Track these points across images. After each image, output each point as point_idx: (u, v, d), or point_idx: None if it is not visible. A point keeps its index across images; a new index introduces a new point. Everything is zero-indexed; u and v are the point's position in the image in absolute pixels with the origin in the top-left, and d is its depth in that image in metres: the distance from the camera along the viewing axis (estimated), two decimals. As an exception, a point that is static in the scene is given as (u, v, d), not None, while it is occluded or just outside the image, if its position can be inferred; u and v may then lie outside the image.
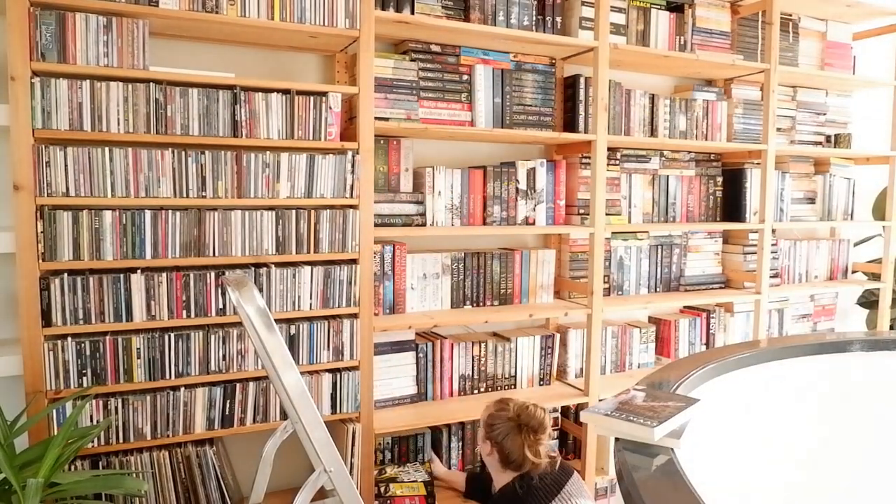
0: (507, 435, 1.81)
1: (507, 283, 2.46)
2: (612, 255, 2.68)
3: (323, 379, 2.05)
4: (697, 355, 1.82)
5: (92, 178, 1.75)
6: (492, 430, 1.84)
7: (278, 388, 1.59)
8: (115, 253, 1.80)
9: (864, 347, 1.95)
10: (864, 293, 3.41)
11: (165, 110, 1.82)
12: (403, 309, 2.29)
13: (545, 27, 2.35)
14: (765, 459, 1.51)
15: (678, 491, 1.02)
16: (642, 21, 2.58)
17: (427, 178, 2.25)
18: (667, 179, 2.79)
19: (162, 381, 1.86)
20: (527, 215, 2.43)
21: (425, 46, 2.26)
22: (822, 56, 3.04)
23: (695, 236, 2.90)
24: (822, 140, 3.15)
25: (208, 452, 1.94)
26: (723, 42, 2.73)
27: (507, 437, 1.81)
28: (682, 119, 2.75)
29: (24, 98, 1.67)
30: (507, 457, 1.81)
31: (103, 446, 1.81)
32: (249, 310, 1.50)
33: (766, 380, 1.82)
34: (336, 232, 2.03)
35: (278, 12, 1.92)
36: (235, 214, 1.91)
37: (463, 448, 2.40)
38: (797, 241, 3.13)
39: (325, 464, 1.59)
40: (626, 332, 2.76)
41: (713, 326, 2.91)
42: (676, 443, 1.22)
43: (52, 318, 1.74)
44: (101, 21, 1.74)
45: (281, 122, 1.95)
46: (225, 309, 1.92)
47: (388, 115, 2.17)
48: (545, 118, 2.44)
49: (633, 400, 1.40)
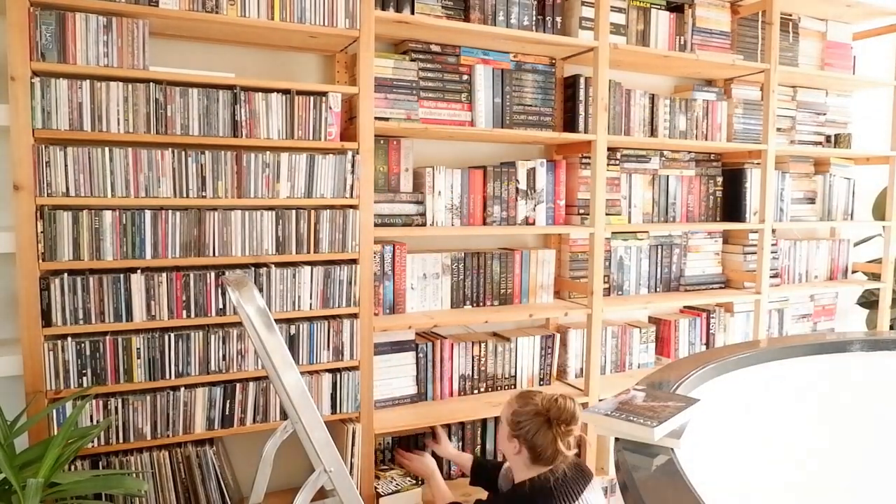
0: (537, 431, 1.68)
1: (507, 283, 2.46)
2: (612, 255, 2.68)
3: (323, 379, 2.05)
4: (697, 355, 1.82)
5: (92, 178, 1.75)
6: (519, 427, 1.71)
7: (278, 388, 1.59)
8: (115, 253, 1.80)
9: (864, 347, 1.95)
10: (864, 293, 3.41)
11: (165, 110, 1.82)
12: (403, 309, 2.29)
13: (545, 27, 2.35)
14: (765, 459, 1.51)
15: (678, 491, 1.02)
16: (642, 21, 2.58)
17: (427, 178, 2.25)
18: (667, 179, 2.79)
19: (162, 381, 1.86)
20: (527, 215, 2.43)
21: (425, 46, 2.26)
22: (822, 56, 3.04)
23: (695, 236, 2.90)
24: (822, 140, 3.15)
25: (208, 452, 1.94)
26: (723, 42, 2.73)
27: (537, 433, 1.68)
28: (682, 119, 2.75)
29: (24, 98, 1.67)
30: (539, 454, 1.69)
31: (103, 446, 1.81)
32: (249, 310, 1.50)
33: (766, 380, 1.82)
34: (336, 232, 2.03)
35: (278, 12, 1.92)
36: (235, 214, 1.91)
37: (463, 448, 2.40)
38: (797, 241, 3.13)
39: (325, 464, 1.59)
40: (626, 332, 2.76)
41: (713, 326, 2.91)
42: (676, 443, 1.22)
43: (52, 318, 1.74)
44: (101, 21, 1.74)
45: (281, 122, 1.95)
46: (225, 309, 1.92)
47: (388, 115, 2.17)
48: (545, 118, 2.44)
49: (633, 400, 1.40)
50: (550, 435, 1.66)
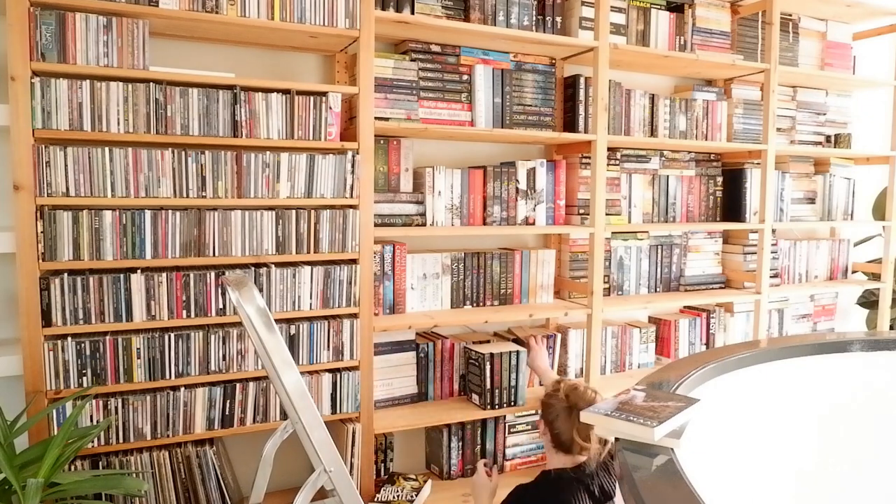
0: (558, 416, 1.77)
1: (507, 283, 2.46)
2: (612, 255, 2.68)
3: (323, 379, 2.05)
4: (697, 355, 1.82)
5: (92, 178, 1.76)
6: (546, 409, 1.81)
7: (278, 388, 1.59)
8: (115, 253, 1.80)
9: (864, 347, 1.95)
10: (864, 293, 3.41)
11: (165, 110, 1.82)
12: (403, 309, 2.29)
13: (545, 27, 2.35)
14: (764, 459, 1.51)
15: (678, 491, 1.02)
16: (642, 21, 2.58)
17: (427, 178, 2.25)
18: (667, 179, 2.79)
19: (162, 381, 1.86)
20: (527, 215, 2.43)
21: (425, 46, 2.26)
22: (822, 56, 3.04)
23: (695, 236, 2.90)
24: (822, 140, 3.15)
25: (208, 452, 1.94)
26: (723, 42, 2.73)
27: (557, 417, 1.77)
28: (682, 119, 2.75)
29: (24, 98, 1.67)
30: (558, 438, 1.77)
31: (103, 446, 1.81)
32: (249, 310, 1.50)
33: (766, 380, 1.82)
34: (336, 232, 2.03)
35: (278, 12, 1.92)
36: (235, 214, 1.91)
37: (463, 448, 2.40)
38: (797, 241, 3.13)
39: (325, 464, 1.59)
40: (626, 332, 2.76)
41: (713, 326, 2.91)
42: (676, 443, 1.22)
43: (52, 318, 1.74)
44: (101, 21, 1.75)
45: (281, 122, 1.95)
46: (225, 309, 1.92)
47: (388, 115, 2.17)
48: (545, 118, 2.44)
49: (633, 400, 1.40)
50: (569, 423, 1.74)
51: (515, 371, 2.32)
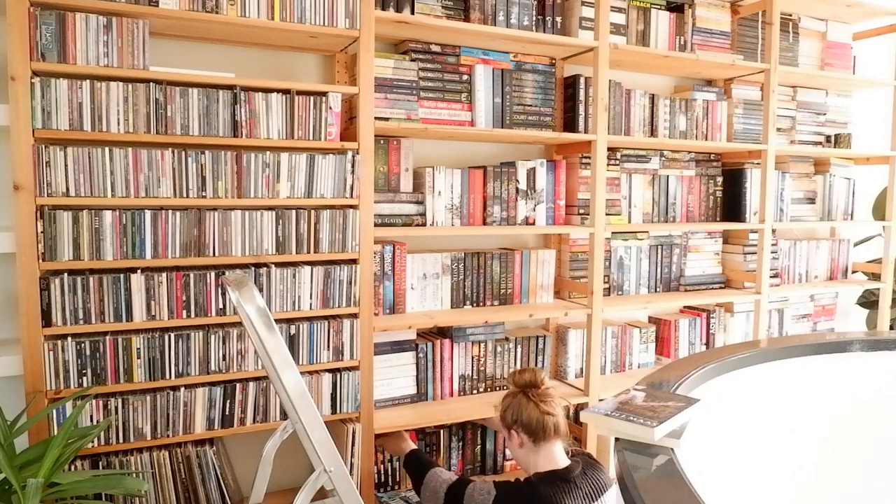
0: (518, 407, 1.76)
1: (507, 283, 2.46)
2: (612, 255, 2.68)
3: (323, 379, 2.05)
4: (697, 355, 1.82)
5: (92, 178, 1.75)
6: (507, 414, 1.78)
7: (278, 388, 1.59)
8: (115, 253, 1.80)
9: (864, 347, 1.95)
10: (864, 293, 3.41)
11: (165, 110, 1.82)
12: (403, 309, 2.29)
13: (545, 27, 2.35)
14: (764, 459, 1.51)
15: (678, 491, 1.02)
16: (642, 21, 2.58)
17: (427, 178, 2.25)
18: (667, 179, 2.79)
19: (162, 381, 1.86)
20: (527, 215, 2.43)
21: (425, 46, 2.26)
22: (822, 56, 3.04)
23: (695, 236, 2.90)
24: (822, 140, 3.15)
25: (208, 452, 1.94)
26: (723, 42, 2.73)
27: (519, 408, 1.76)
28: (682, 119, 2.75)
29: (24, 98, 1.67)
30: (532, 428, 1.73)
31: (103, 446, 1.81)
32: (249, 310, 1.50)
33: (766, 380, 1.82)
34: (336, 232, 2.03)
35: (278, 12, 1.92)
36: (235, 214, 1.91)
37: (463, 448, 2.40)
38: (797, 241, 3.13)
39: (325, 464, 1.59)
40: (626, 332, 2.76)
41: (713, 326, 2.91)
42: (676, 443, 1.22)
43: (52, 318, 1.74)
44: (101, 21, 1.74)
45: (281, 122, 1.95)
46: (225, 309, 1.92)
47: (388, 115, 2.17)
48: (545, 118, 2.44)
49: (633, 400, 1.40)
50: (531, 404, 1.75)
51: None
